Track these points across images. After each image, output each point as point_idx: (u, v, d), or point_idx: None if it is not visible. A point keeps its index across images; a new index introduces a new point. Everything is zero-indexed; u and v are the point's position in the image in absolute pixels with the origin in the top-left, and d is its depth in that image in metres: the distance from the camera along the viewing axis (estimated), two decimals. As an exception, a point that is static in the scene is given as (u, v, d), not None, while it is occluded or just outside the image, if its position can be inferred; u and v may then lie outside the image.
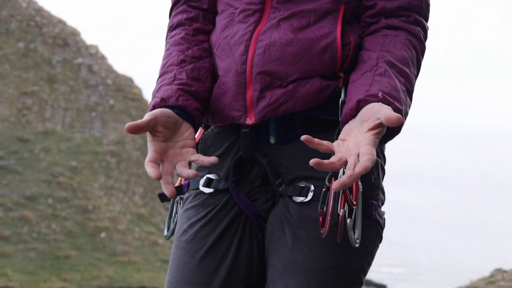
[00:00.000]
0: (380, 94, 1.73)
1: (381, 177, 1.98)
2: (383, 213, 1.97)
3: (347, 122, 1.75)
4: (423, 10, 1.94)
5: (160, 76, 1.96)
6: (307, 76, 1.86)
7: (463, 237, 42.10)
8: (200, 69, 1.97)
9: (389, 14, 1.92)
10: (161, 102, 1.85)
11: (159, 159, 1.75)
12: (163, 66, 1.99)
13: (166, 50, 2.03)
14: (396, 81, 1.79)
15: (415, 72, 1.89)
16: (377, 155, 1.96)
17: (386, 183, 2.03)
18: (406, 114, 1.81)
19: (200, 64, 1.98)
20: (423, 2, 1.94)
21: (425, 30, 1.95)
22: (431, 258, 37.74)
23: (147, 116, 1.76)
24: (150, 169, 1.71)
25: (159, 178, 1.71)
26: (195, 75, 1.95)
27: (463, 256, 38.13)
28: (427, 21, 1.96)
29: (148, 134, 1.78)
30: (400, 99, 1.76)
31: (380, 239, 1.97)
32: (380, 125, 1.65)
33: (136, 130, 1.72)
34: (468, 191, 61.80)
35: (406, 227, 43.00)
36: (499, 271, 8.92)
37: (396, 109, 1.71)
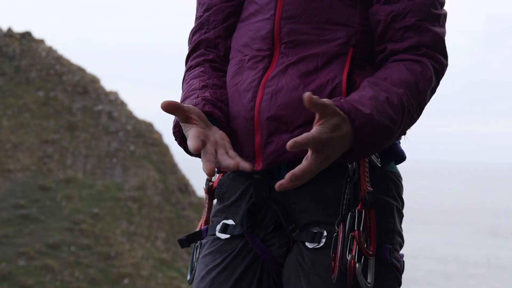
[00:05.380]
0: (342, 99, 1.74)
1: (397, 220, 1.96)
2: (401, 256, 1.95)
3: None
4: (436, 46, 1.90)
5: (182, 101, 1.96)
6: (313, 120, 1.82)
7: (494, 275, 41.52)
8: (222, 94, 1.98)
9: (399, 53, 1.91)
10: None
11: (202, 136, 1.74)
12: (184, 93, 2.00)
13: (186, 84, 2.04)
14: (372, 92, 1.78)
15: (409, 97, 1.83)
16: (394, 198, 1.96)
17: (406, 223, 2.00)
18: (387, 130, 1.78)
19: (222, 91, 2.00)
20: (435, 37, 1.90)
21: (438, 62, 1.91)
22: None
23: None
24: (191, 142, 1.70)
25: (198, 150, 1.69)
26: (218, 97, 1.96)
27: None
28: (443, 56, 1.92)
29: (183, 125, 1.78)
30: (366, 104, 1.74)
31: (399, 283, 1.95)
32: (320, 117, 1.66)
33: (172, 107, 1.72)
34: (494, 228, 60.97)
35: (431, 265, 42.45)
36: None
37: (356, 111, 1.71)
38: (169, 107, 1.71)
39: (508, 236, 56.05)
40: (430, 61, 1.89)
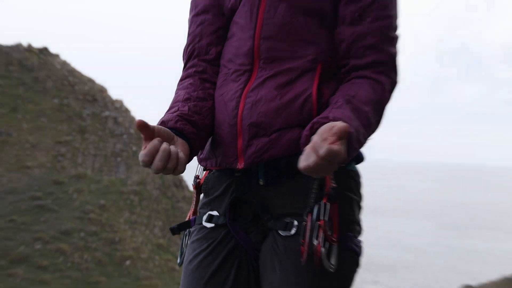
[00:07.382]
0: (331, 117, 1.70)
1: (356, 212, 1.96)
2: (359, 241, 1.96)
3: (305, 145, 1.68)
4: (392, 66, 1.92)
5: (166, 112, 1.95)
6: (288, 126, 1.86)
7: (438, 259, 41.75)
8: (202, 107, 1.97)
9: (360, 68, 1.92)
10: (161, 124, 1.83)
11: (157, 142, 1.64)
12: (171, 103, 1.99)
13: (175, 94, 2.04)
14: (351, 114, 1.76)
15: (374, 114, 1.84)
16: (354, 193, 1.97)
17: (379, 216, 2.00)
18: (358, 142, 1.75)
19: (203, 104, 1.98)
20: (390, 57, 1.92)
21: (392, 81, 1.92)
22: (414, 277, 37.35)
23: None
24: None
25: (140, 125, 1.62)
26: (197, 110, 1.94)
27: (437, 274, 37.71)
28: (396, 74, 1.93)
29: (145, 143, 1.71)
30: (350, 124, 1.68)
31: (357, 265, 1.95)
32: (338, 139, 1.56)
33: (143, 127, 1.64)
34: (449, 221, 61.12)
35: (395, 254, 42.58)
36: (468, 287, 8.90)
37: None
38: (141, 125, 1.64)
39: (466, 228, 56.30)
40: (387, 80, 1.90)
